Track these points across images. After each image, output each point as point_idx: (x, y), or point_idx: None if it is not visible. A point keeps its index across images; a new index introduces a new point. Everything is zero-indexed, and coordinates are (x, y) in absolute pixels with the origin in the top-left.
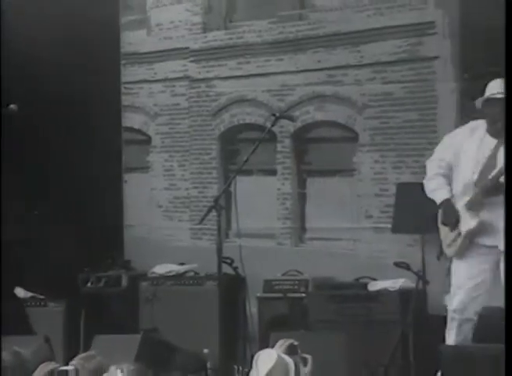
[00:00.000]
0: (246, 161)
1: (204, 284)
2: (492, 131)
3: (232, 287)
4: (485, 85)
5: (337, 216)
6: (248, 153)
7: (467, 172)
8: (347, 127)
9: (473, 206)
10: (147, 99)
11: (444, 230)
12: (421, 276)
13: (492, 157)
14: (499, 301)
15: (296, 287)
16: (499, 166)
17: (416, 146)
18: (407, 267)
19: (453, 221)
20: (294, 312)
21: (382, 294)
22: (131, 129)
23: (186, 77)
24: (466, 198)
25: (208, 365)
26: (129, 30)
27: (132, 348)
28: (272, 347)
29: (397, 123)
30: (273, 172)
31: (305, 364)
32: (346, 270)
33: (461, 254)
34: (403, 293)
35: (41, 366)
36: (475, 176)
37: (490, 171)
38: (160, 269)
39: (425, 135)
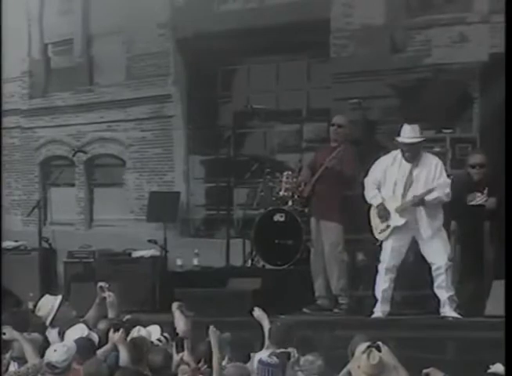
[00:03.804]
0: (56, 178)
1: (31, 254)
2: (406, 158)
3: (48, 255)
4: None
5: (112, 212)
6: (58, 174)
7: (390, 187)
8: (119, 157)
9: (400, 211)
10: None
11: (375, 222)
12: (164, 248)
13: (409, 176)
14: None
15: (87, 255)
16: (418, 184)
17: (160, 169)
18: (155, 242)
19: (387, 217)
20: (86, 271)
21: (140, 258)
22: None
23: (19, 127)
24: (393, 204)
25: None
26: None
27: None
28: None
29: (149, 155)
30: (73, 185)
31: (104, 291)
32: (118, 244)
33: (387, 238)
34: (153, 258)
35: None
36: (399, 190)
37: (409, 186)
38: (4, 244)
39: (166, 163)
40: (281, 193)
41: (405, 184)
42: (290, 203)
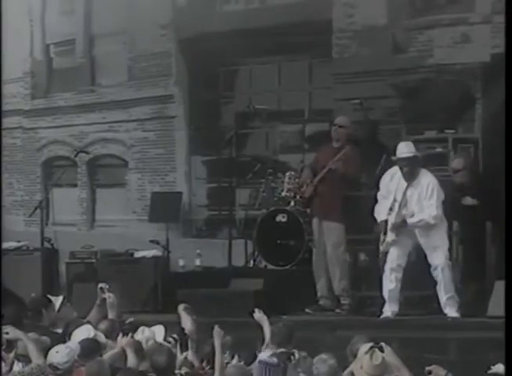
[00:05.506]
0: (58, 179)
1: (33, 254)
2: (403, 176)
3: (50, 256)
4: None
5: (114, 212)
6: (60, 174)
7: (389, 203)
8: (121, 158)
9: (392, 228)
10: None
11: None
12: (166, 248)
13: (404, 196)
14: None
15: (89, 255)
16: (408, 204)
17: (162, 169)
18: (157, 242)
19: (384, 232)
20: (89, 272)
21: (142, 259)
22: None
23: (21, 127)
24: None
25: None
26: None
27: None
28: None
29: (151, 155)
30: (75, 185)
31: (104, 292)
32: (120, 245)
33: (385, 251)
34: (155, 258)
35: None
36: (396, 207)
37: (403, 205)
38: (6, 245)
39: (168, 163)
40: (283, 194)
41: (400, 203)
42: (292, 203)
